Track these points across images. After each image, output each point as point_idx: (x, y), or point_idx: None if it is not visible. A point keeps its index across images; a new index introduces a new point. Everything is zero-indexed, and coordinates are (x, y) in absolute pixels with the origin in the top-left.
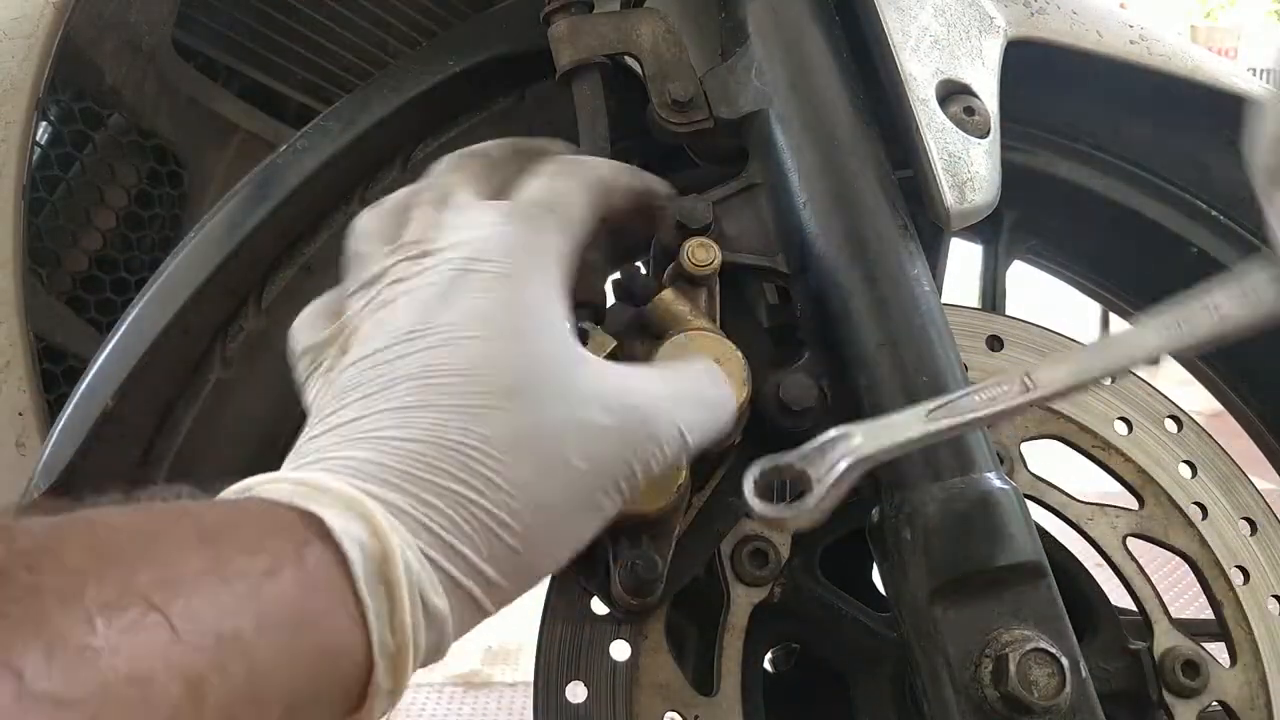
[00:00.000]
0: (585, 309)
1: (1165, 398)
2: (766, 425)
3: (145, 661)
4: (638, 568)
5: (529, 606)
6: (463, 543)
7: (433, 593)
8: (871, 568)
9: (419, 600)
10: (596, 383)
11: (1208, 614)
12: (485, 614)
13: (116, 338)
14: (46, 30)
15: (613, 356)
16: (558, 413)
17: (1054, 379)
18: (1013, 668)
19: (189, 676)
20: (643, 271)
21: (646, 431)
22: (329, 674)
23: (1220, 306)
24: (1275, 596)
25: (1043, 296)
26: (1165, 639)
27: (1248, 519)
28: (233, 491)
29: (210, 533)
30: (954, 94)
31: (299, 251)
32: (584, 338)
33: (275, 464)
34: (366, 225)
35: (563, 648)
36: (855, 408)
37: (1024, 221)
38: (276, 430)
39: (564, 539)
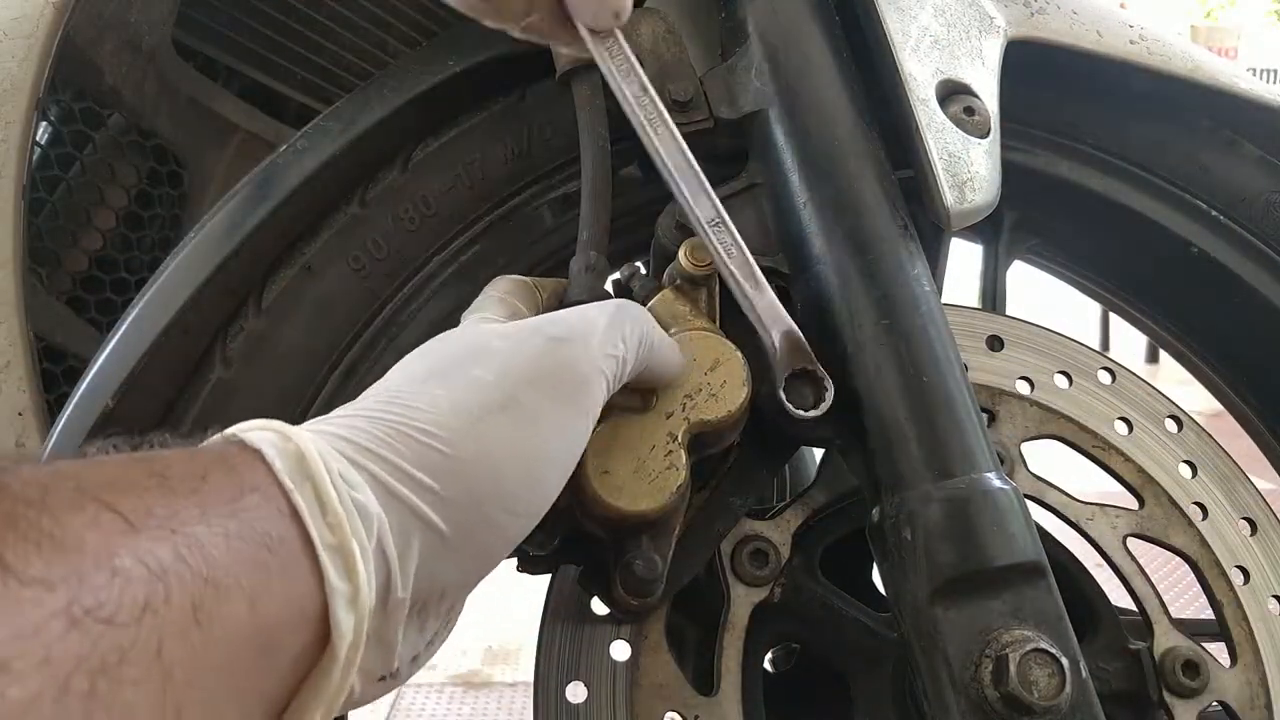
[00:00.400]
0: None
1: (1165, 398)
2: (767, 424)
3: (107, 549)
4: (638, 568)
5: (529, 606)
6: (384, 448)
7: (360, 492)
8: (871, 568)
9: (348, 497)
10: (497, 325)
11: (1208, 614)
12: (436, 530)
13: (116, 338)
14: (46, 30)
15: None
16: (462, 341)
17: None
18: (1013, 668)
19: (150, 564)
20: (642, 271)
21: (544, 336)
22: (278, 567)
23: None
24: (1275, 596)
25: (1043, 296)
26: (1165, 639)
27: (1248, 519)
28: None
29: (150, 456)
30: (954, 94)
31: (299, 251)
32: None
33: None
34: None
35: (563, 648)
36: (855, 406)
37: (1024, 221)
38: None
39: (493, 438)
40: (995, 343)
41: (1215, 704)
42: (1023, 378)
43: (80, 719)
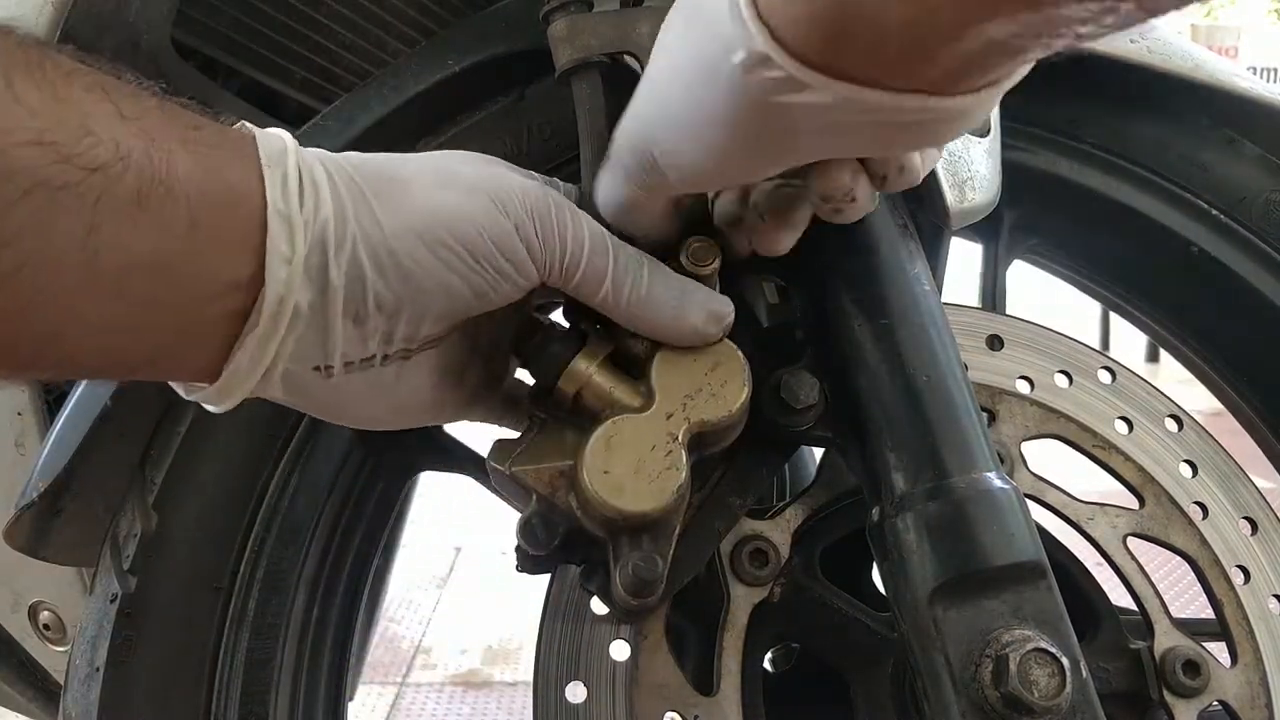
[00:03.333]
0: (585, 308)
1: (1166, 397)
2: (767, 424)
3: (90, 116)
4: (638, 568)
5: (529, 606)
6: (352, 168)
7: (319, 189)
8: (871, 568)
9: (308, 185)
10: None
11: (1208, 613)
12: (374, 243)
13: None
14: (45, 29)
15: (611, 358)
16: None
17: None
18: (1013, 668)
19: (120, 145)
20: None
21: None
22: (229, 213)
23: None
24: (1276, 596)
25: (1043, 296)
26: (1166, 638)
27: (1248, 518)
28: None
29: (167, 99)
30: None
31: None
32: (583, 339)
33: (275, 462)
34: None
35: (563, 648)
36: (855, 405)
37: (1024, 221)
38: (276, 430)
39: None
40: (995, 342)
41: (1216, 703)
42: (1023, 377)
43: (9, 207)
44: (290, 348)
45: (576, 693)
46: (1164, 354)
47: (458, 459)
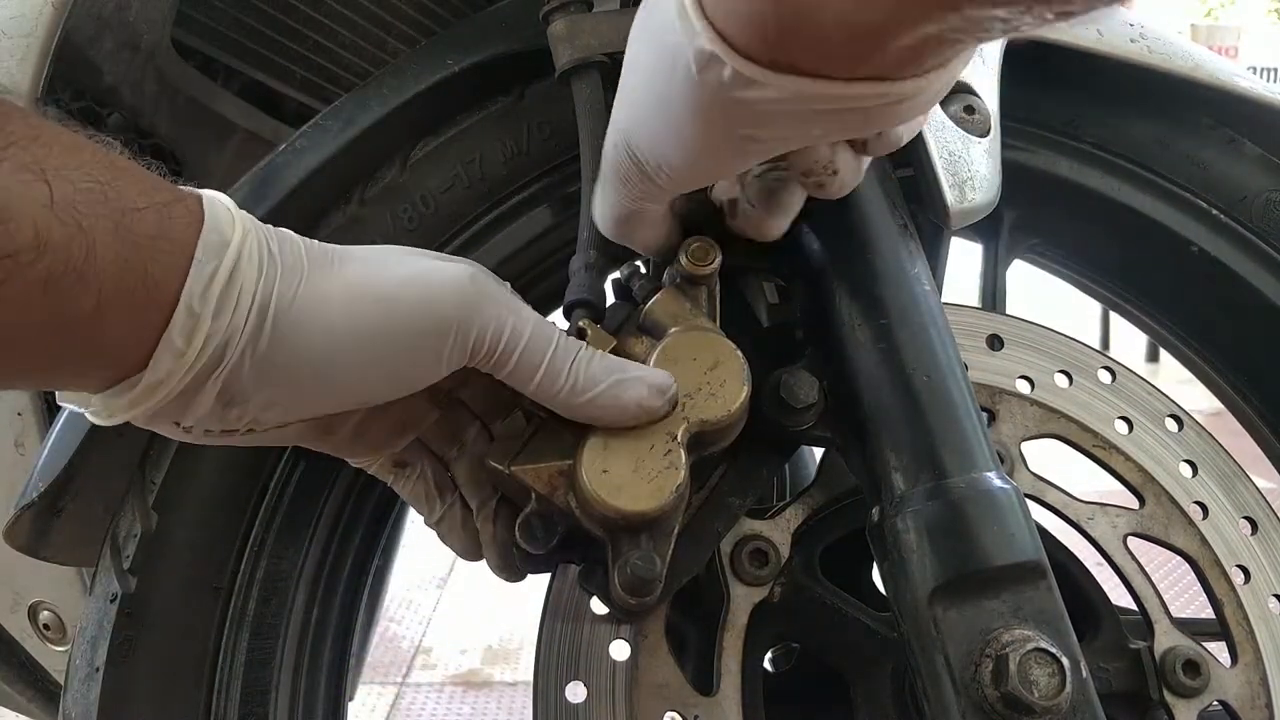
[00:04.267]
0: (584, 307)
1: (1166, 397)
2: (767, 424)
3: (19, 190)
4: (637, 568)
5: (528, 606)
6: (283, 270)
7: (240, 295)
8: (871, 568)
9: (234, 291)
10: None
11: (1208, 613)
12: (261, 357)
13: None
14: (45, 29)
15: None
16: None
17: None
18: (1013, 668)
19: (39, 225)
20: (642, 270)
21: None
22: (142, 297)
23: None
24: (1276, 596)
25: (1043, 296)
26: (1166, 638)
27: (1248, 518)
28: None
29: (115, 157)
30: (954, 93)
31: None
32: (582, 335)
33: (275, 462)
34: None
35: (563, 648)
36: (855, 405)
37: (1024, 221)
38: None
39: (344, 328)
40: (995, 342)
41: (1216, 703)
42: (1023, 377)
43: None
44: (156, 410)
45: (576, 693)
46: (1164, 354)
47: None
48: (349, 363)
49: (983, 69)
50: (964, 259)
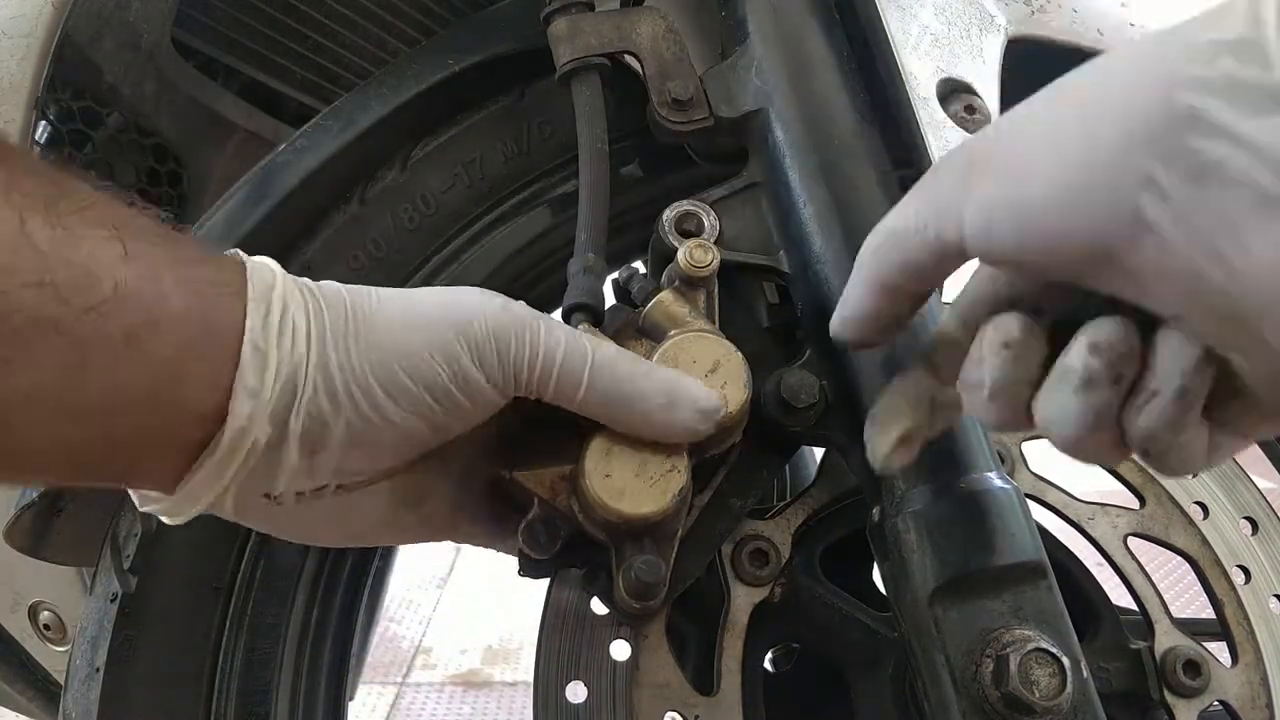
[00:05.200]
0: (583, 311)
1: None
2: (767, 424)
3: (93, 257)
4: (640, 572)
5: (529, 606)
6: (334, 317)
7: (297, 331)
8: (871, 568)
9: (289, 328)
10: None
11: (1209, 613)
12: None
13: None
14: (46, 29)
15: None
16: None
17: None
18: (1013, 668)
19: (118, 278)
20: (641, 272)
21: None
22: (210, 342)
23: None
24: (1276, 596)
25: None
26: (1166, 638)
27: (1249, 518)
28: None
29: (176, 235)
30: (954, 92)
31: (299, 250)
32: None
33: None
34: None
35: (563, 648)
36: (855, 405)
37: None
38: None
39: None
40: None
41: (1216, 703)
42: None
43: (1, 340)
44: (244, 476)
45: (576, 693)
46: None
47: None
48: (410, 386)
49: (983, 68)
50: None
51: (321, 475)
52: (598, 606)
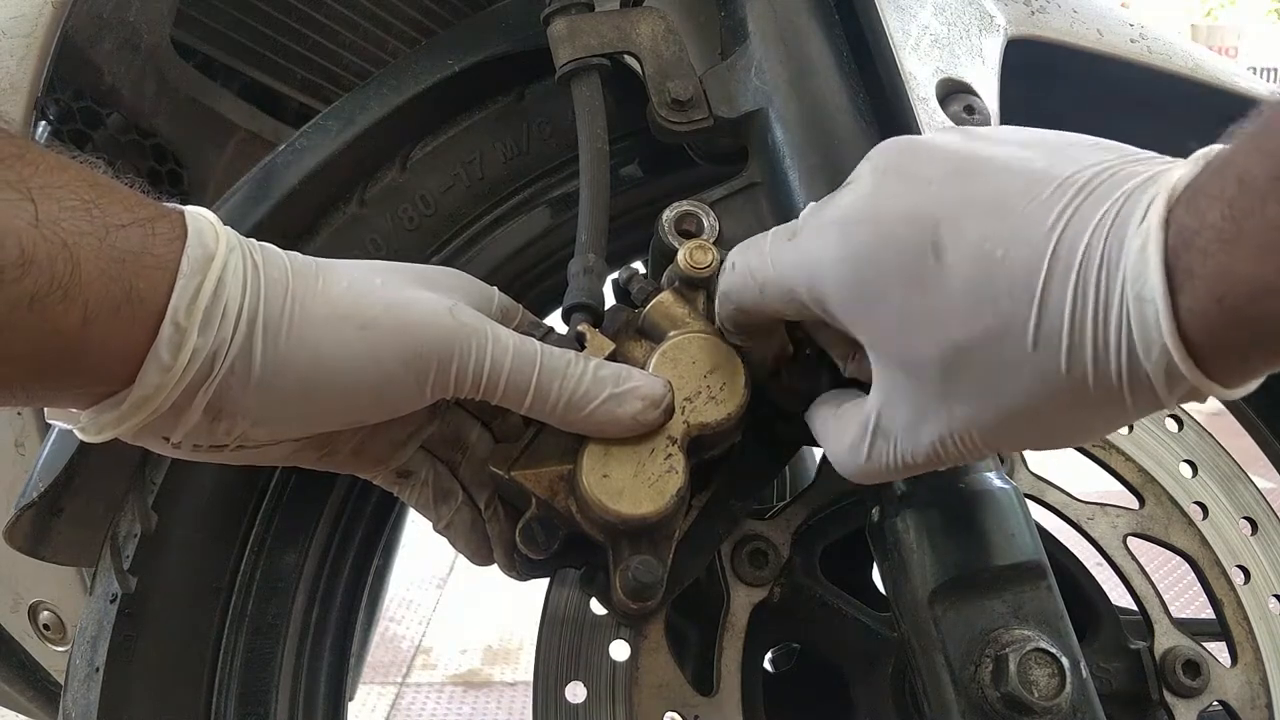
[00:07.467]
0: (583, 311)
1: None
2: (767, 424)
3: (3, 210)
4: (638, 572)
5: (529, 606)
6: (272, 291)
7: (226, 308)
8: (871, 568)
9: (218, 305)
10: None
11: (1208, 613)
12: (253, 375)
13: None
14: (45, 29)
15: (610, 359)
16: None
17: None
18: (1013, 668)
19: (24, 244)
20: (641, 272)
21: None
22: (128, 311)
23: None
24: (1276, 596)
25: None
26: (1166, 638)
27: (1248, 518)
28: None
29: (99, 177)
30: (954, 93)
31: (298, 250)
32: (581, 340)
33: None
34: None
35: (563, 648)
36: None
37: None
38: None
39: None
40: None
41: (1216, 703)
42: None
43: None
44: (144, 423)
45: (576, 693)
46: None
47: None
48: (333, 385)
49: (983, 68)
50: None
51: (222, 438)
52: (597, 607)
